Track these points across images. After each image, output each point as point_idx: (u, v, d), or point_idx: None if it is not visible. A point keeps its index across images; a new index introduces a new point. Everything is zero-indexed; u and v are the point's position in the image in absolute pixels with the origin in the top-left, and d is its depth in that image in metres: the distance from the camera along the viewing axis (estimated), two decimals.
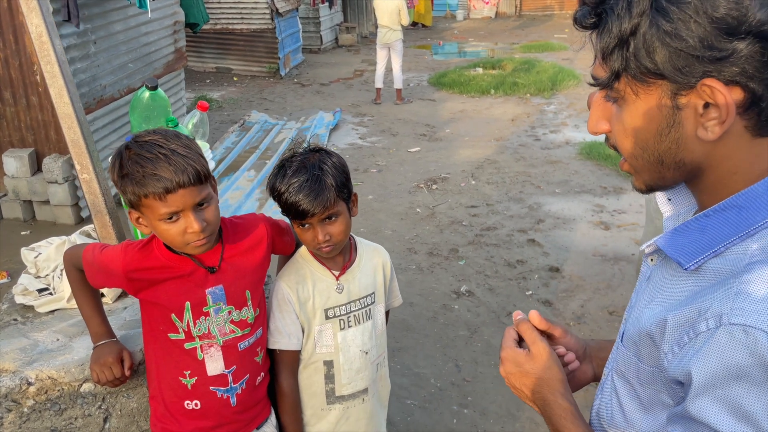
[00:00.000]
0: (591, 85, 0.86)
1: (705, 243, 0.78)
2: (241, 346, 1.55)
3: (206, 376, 1.53)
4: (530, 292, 4.09)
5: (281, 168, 1.52)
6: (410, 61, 12.66)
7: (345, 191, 1.53)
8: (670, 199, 0.95)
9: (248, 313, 1.55)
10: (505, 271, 4.39)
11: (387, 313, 1.87)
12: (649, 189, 0.87)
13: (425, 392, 3.16)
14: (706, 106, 0.72)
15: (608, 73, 0.79)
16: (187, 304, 1.47)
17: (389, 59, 9.29)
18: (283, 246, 1.69)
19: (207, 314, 1.50)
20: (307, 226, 1.52)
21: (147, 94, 2.01)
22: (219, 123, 8.46)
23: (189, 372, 1.52)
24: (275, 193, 1.51)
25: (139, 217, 1.41)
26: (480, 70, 11.51)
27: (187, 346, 1.51)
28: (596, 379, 1.13)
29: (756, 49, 0.68)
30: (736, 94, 0.70)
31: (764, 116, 0.72)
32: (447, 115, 8.81)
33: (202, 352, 1.51)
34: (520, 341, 1.04)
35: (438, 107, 9.26)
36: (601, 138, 1.83)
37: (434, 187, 6.06)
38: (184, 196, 1.33)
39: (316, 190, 1.46)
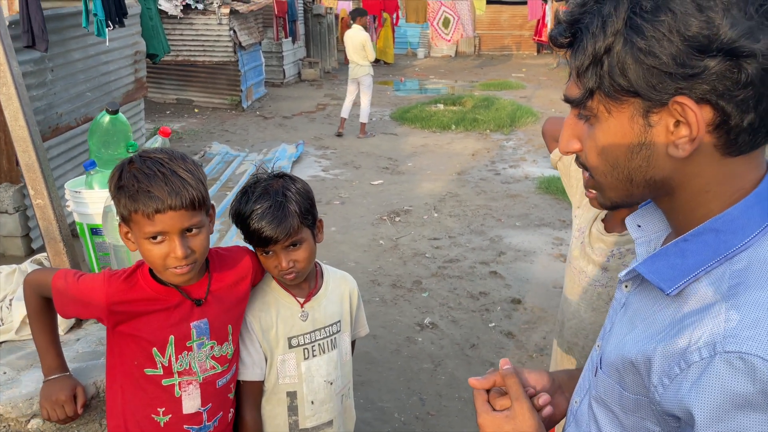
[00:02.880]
0: (566, 102, 0.86)
1: (686, 267, 0.77)
2: (220, 383, 1.49)
3: (181, 414, 1.46)
4: (493, 324, 4.09)
5: (244, 194, 1.49)
6: (373, 96, 12.78)
7: (309, 218, 1.51)
8: (639, 226, 0.95)
9: (228, 349, 1.50)
10: (468, 303, 4.39)
11: (353, 342, 1.83)
12: (614, 206, 0.88)
13: (389, 427, 3.10)
14: (677, 124, 0.73)
15: (582, 91, 0.79)
16: (171, 337, 1.41)
17: (358, 94, 9.40)
18: (260, 280, 1.65)
19: (190, 349, 1.44)
20: (270, 253, 1.49)
21: (107, 118, 1.96)
22: None
23: (163, 409, 1.45)
24: (238, 219, 1.47)
25: (128, 232, 1.36)
26: (441, 106, 11.72)
27: (165, 382, 1.43)
28: None
29: (726, 66, 0.69)
30: (707, 113, 0.71)
31: (733, 135, 0.73)
32: (409, 149, 8.90)
33: (180, 389, 1.44)
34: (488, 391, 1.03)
35: (400, 141, 9.35)
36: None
37: (397, 219, 6.07)
38: (173, 218, 1.29)
39: (279, 216, 1.43)
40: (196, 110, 11.36)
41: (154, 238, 1.30)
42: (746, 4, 0.68)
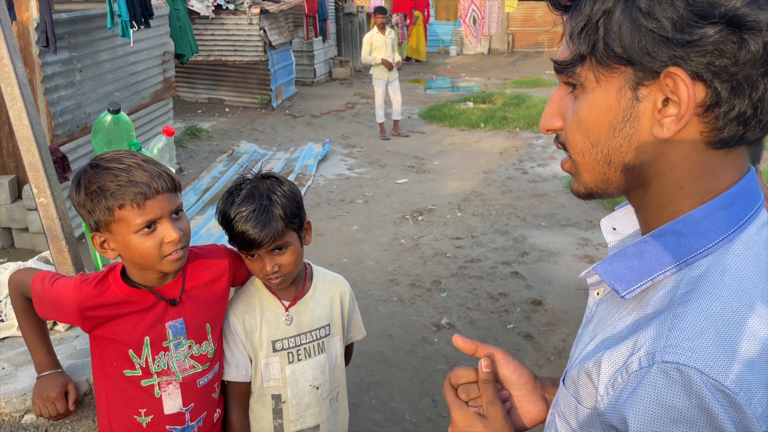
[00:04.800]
0: (554, 65, 0.80)
1: (643, 270, 0.73)
2: (200, 382, 1.49)
3: (163, 415, 1.46)
4: (511, 326, 4.02)
5: (230, 195, 1.47)
6: (403, 94, 12.73)
7: (296, 221, 1.48)
8: (615, 228, 0.90)
9: (208, 348, 1.50)
10: (487, 303, 4.32)
11: (351, 346, 1.80)
12: (589, 193, 0.82)
13: (399, 428, 3.07)
14: (666, 102, 0.69)
15: (572, 54, 0.74)
16: (146, 339, 1.41)
17: (387, 93, 9.21)
18: (243, 278, 1.64)
19: (167, 349, 1.44)
20: (255, 256, 1.47)
21: (109, 117, 1.98)
22: (208, 152, 8.45)
23: (144, 410, 1.45)
24: (223, 221, 1.46)
25: (104, 241, 1.34)
26: (470, 104, 11.62)
27: (144, 383, 1.44)
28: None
29: (726, 37, 0.64)
30: (699, 91, 0.66)
31: (721, 123, 0.68)
32: (436, 147, 8.84)
33: (159, 389, 1.45)
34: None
35: (427, 140, 9.29)
36: None
37: (420, 218, 6.03)
38: (162, 201, 1.30)
39: (264, 221, 1.40)
40: (227, 109, 11.50)
41: (148, 227, 1.29)
42: None
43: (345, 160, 8.21)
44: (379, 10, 9.13)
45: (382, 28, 8.85)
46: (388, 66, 8.87)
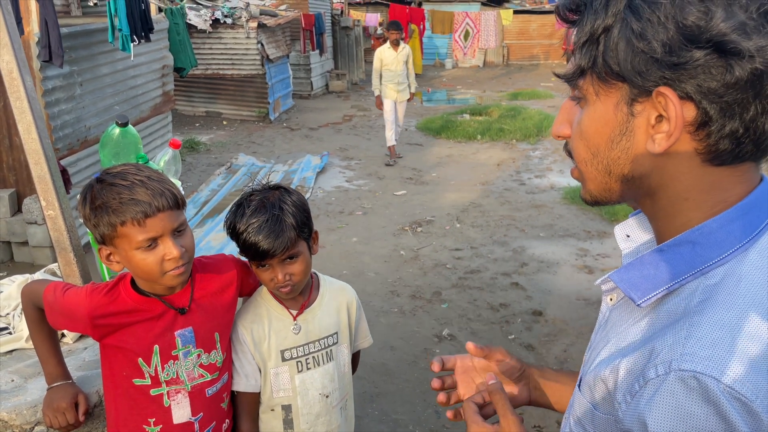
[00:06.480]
0: (557, 75, 0.85)
1: (659, 279, 0.75)
2: (209, 392, 1.49)
3: (172, 424, 1.47)
4: (513, 336, 4.03)
5: (240, 206, 1.48)
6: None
7: (306, 230, 1.50)
8: (629, 236, 0.93)
9: (217, 357, 1.51)
10: (488, 314, 4.33)
11: (357, 354, 1.82)
12: (595, 201, 0.85)
13: None
14: (659, 119, 0.71)
15: (574, 68, 0.77)
16: (156, 347, 1.42)
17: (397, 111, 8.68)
18: (251, 288, 1.66)
19: (176, 358, 1.45)
20: (266, 266, 1.48)
21: (117, 130, 2.00)
22: (206, 165, 8.47)
23: (153, 420, 1.46)
24: (233, 233, 1.47)
25: (110, 254, 1.36)
26: (467, 116, 11.69)
27: (153, 392, 1.44)
28: (530, 403, 1.16)
29: (713, 61, 0.66)
30: (689, 111, 0.69)
31: (713, 141, 0.70)
32: (434, 159, 8.88)
33: (168, 398, 1.45)
34: (482, 407, 1.06)
35: (425, 152, 9.34)
36: None
37: (419, 229, 6.05)
38: (163, 220, 1.31)
39: (276, 231, 1.42)
40: (224, 122, 11.54)
41: (149, 245, 1.31)
42: (750, 2, 0.66)
43: (343, 172, 8.24)
44: (393, 26, 8.38)
45: (395, 45, 8.17)
46: (379, 106, 8.34)
